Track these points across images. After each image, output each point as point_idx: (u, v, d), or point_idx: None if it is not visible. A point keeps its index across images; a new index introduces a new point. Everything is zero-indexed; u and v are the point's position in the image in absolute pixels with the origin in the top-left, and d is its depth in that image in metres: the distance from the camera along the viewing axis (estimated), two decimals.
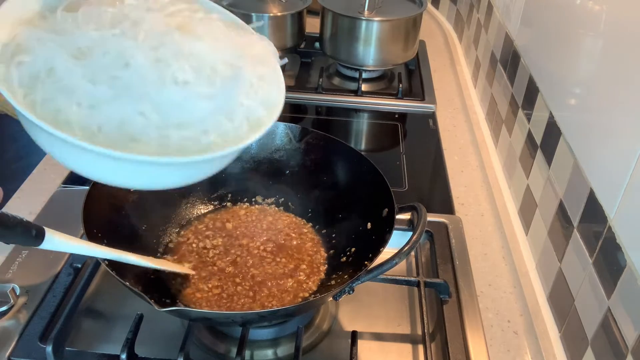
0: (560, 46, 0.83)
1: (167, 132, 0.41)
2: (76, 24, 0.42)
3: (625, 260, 0.58)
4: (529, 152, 0.90)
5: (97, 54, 0.41)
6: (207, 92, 0.43)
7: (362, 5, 1.22)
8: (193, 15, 0.46)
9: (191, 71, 0.42)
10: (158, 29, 0.43)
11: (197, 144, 0.42)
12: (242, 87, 0.44)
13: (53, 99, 0.40)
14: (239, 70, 0.45)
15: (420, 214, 0.69)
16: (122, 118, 0.40)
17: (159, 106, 0.41)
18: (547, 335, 0.74)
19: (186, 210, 0.82)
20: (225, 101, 0.43)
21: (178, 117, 0.41)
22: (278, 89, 0.49)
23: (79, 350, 0.67)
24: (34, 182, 0.94)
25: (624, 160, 0.60)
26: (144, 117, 0.40)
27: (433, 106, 1.23)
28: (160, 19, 0.44)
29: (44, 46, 0.41)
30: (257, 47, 0.48)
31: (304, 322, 0.72)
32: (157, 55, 0.42)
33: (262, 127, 0.45)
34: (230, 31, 0.48)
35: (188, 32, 0.45)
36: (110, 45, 0.41)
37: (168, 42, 0.42)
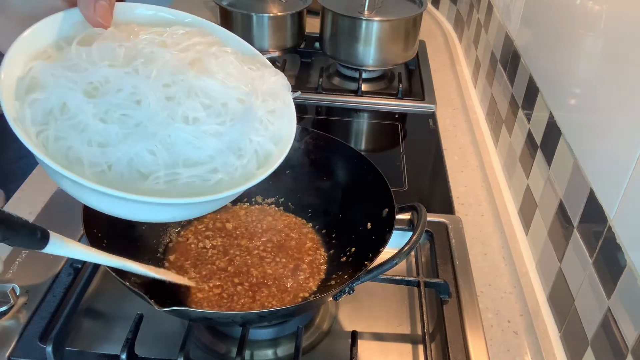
0: (560, 46, 0.83)
1: (176, 170, 0.42)
2: (90, 59, 0.43)
3: (625, 260, 0.58)
4: (529, 152, 0.90)
5: (110, 92, 0.42)
6: (216, 129, 0.43)
7: (362, 5, 1.22)
8: (207, 50, 0.47)
9: (202, 109, 0.43)
10: (171, 66, 0.44)
11: (205, 183, 0.42)
12: (252, 124, 0.45)
13: (65, 137, 0.41)
14: (249, 107, 0.45)
15: (420, 214, 0.69)
16: (132, 157, 0.41)
17: (168, 144, 0.42)
18: (547, 335, 0.74)
19: None
20: (235, 139, 0.44)
21: (187, 155, 0.42)
22: (289, 123, 0.49)
23: (79, 350, 0.67)
24: (34, 182, 0.94)
25: (624, 160, 0.60)
26: (154, 155, 0.41)
27: (433, 106, 1.23)
28: (174, 54, 0.44)
29: (58, 82, 0.42)
30: (269, 81, 0.49)
31: (304, 322, 0.72)
32: (168, 93, 0.42)
33: (271, 165, 0.46)
34: (243, 65, 0.49)
35: (201, 67, 0.45)
36: (123, 83, 0.42)
37: (180, 80, 0.43)
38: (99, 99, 0.42)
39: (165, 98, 0.43)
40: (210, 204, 0.45)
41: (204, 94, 0.44)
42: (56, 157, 0.41)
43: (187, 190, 0.42)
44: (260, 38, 1.26)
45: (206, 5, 1.61)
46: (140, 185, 0.41)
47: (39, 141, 0.41)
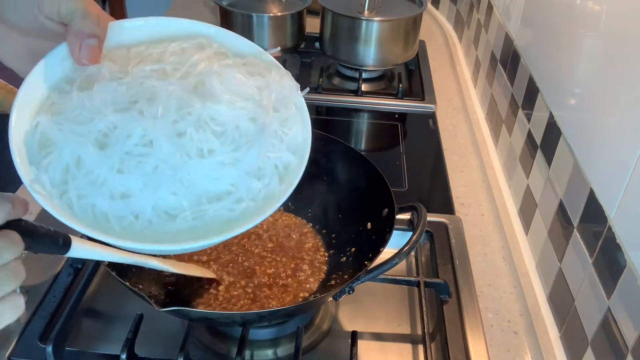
0: (560, 46, 0.83)
1: (201, 207, 0.42)
2: (94, 106, 0.43)
3: (625, 260, 0.58)
4: (529, 152, 0.90)
5: (120, 139, 0.42)
6: (233, 157, 0.43)
7: (362, 5, 1.22)
8: (208, 69, 0.46)
9: (214, 138, 0.43)
10: (175, 99, 0.43)
11: (232, 213, 0.43)
12: (268, 140, 0.45)
13: (86, 195, 0.41)
14: (262, 125, 0.45)
15: (420, 214, 0.69)
16: (156, 202, 0.42)
17: (189, 182, 0.42)
18: (547, 335, 0.74)
19: None
20: (253, 161, 0.44)
21: (209, 189, 0.42)
22: (303, 127, 0.48)
23: (79, 350, 0.67)
24: None
25: (624, 160, 0.60)
26: (176, 198, 0.42)
27: (433, 106, 1.23)
28: (175, 85, 0.44)
29: (67, 137, 0.41)
30: (278, 86, 0.48)
31: (304, 322, 0.72)
32: (179, 130, 0.42)
33: (293, 177, 0.46)
34: (248, 77, 0.48)
35: (205, 92, 0.45)
36: (131, 128, 0.42)
37: (187, 114, 0.43)
38: (111, 148, 0.42)
39: (177, 135, 0.42)
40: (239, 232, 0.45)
41: (214, 122, 0.43)
42: (84, 218, 0.41)
43: (215, 224, 0.43)
44: (260, 38, 1.26)
45: (206, 5, 1.61)
46: (170, 228, 0.42)
47: (64, 203, 0.41)
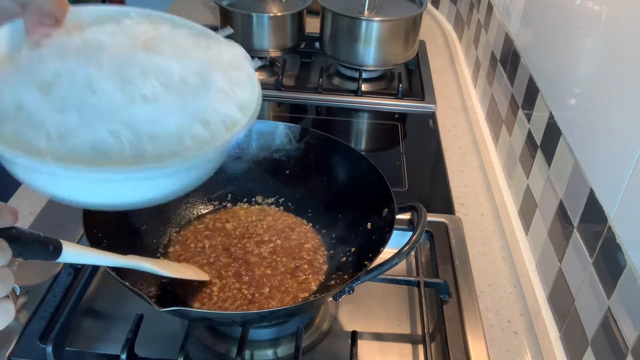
0: (560, 46, 0.83)
1: (141, 146, 0.40)
2: (41, 59, 0.42)
3: (625, 260, 0.58)
4: (529, 152, 0.90)
5: (64, 84, 0.41)
6: (179, 105, 0.42)
7: (362, 5, 1.22)
8: (158, 34, 0.46)
9: (160, 86, 0.42)
10: (122, 52, 0.43)
11: (172, 154, 0.40)
12: (214, 94, 0.44)
13: (22, 133, 0.39)
14: (208, 78, 0.44)
15: (420, 214, 0.69)
16: (94, 142, 0.39)
17: (130, 125, 0.40)
18: (547, 335, 0.74)
19: (186, 210, 0.82)
20: (198, 110, 0.42)
21: (151, 131, 0.40)
22: (252, 90, 0.47)
23: (79, 350, 0.67)
24: None
25: (624, 160, 0.60)
26: (117, 138, 0.39)
27: (433, 106, 1.23)
28: (124, 41, 0.44)
29: (11, 86, 0.40)
30: (227, 54, 0.48)
31: (304, 322, 0.72)
32: (123, 77, 0.41)
33: (239, 126, 0.44)
34: (198, 42, 0.47)
35: (154, 50, 0.44)
36: (76, 74, 0.41)
37: (133, 63, 0.42)
38: (53, 91, 0.40)
39: (121, 82, 0.41)
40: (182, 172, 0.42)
41: (160, 73, 0.42)
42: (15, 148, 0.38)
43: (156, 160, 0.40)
44: (260, 38, 1.26)
45: (206, 5, 1.61)
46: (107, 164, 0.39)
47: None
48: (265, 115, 1.23)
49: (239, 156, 0.85)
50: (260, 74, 1.32)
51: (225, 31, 0.51)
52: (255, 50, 1.28)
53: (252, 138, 0.84)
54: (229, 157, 0.84)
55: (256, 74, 0.48)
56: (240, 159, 0.85)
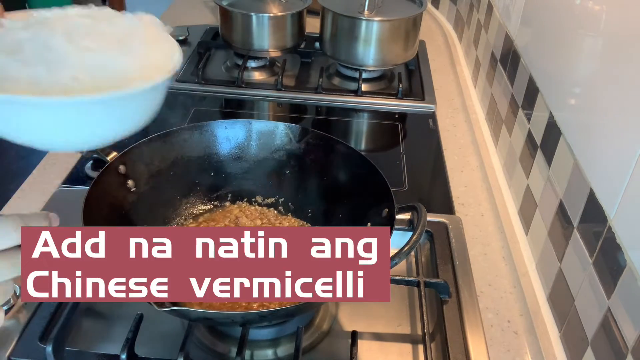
0: (560, 46, 0.83)
1: (97, 84, 0.48)
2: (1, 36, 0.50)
3: (625, 260, 0.58)
4: (529, 152, 0.90)
5: (25, 48, 0.48)
6: (119, 52, 0.50)
7: (362, 5, 1.22)
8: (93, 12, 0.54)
9: (103, 41, 0.50)
10: (66, 21, 0.51)
11: (125, 86, 0.48)
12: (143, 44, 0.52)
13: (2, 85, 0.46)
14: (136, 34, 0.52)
15: (420, 214, 0.69)
16: (62, 87, 0.47)
17: (85, 70, 0.48)
18: (547, 335, 0.74)
19: (186, 210, 0.82)
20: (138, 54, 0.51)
21: (104, 74, 0.49)
22: (171, 43, 0.55)
23: (79, 350, 0.67)
24: (34, 182, 0.94)
25: (624, 160, 0.60)
26: (77, 81, 0.47)
27: (433, 106, 1.23)
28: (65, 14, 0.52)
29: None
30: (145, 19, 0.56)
31: (304, 322, 0.72)
32: (71, 37, 0.50)
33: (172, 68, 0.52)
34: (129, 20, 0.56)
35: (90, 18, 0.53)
36: (34, 39, 0.49)
37: (77, 27, 0.51)
38: (19, 55, 0.48)
39: (70, 40, 0.49)
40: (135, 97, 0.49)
41: (101, 33, 0.51)
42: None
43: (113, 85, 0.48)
44: (260, 38, 1.26)
45: (206, 5, 1.61)
46: None
47: None
48: (265, 115, 1.23)
49: (239, 156, 0.85)
50: (260, 74, 1.32)
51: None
52: (255, 50, 1.28)
53: (252, 138, 0.84)
54: (229, 157, 0.84)
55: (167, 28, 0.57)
56: (240, 159, 0.85)
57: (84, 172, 0.95)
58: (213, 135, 0.83)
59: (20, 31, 0.50)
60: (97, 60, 0.49)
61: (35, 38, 0.49)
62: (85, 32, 0.51)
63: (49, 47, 0.49)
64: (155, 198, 0.78)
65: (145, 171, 0.78)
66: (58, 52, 0.49)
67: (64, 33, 0.50)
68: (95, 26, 0.52)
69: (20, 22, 0.51)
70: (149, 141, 0.78)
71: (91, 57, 0.49)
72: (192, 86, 1.24)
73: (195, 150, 0.82)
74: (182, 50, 0.56)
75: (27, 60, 0.48)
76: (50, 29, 0.50)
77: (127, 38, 0.52)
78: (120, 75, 0.49)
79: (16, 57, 0.48)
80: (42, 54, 0.48)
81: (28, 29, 0.50)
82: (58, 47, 0.49)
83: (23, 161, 1.05)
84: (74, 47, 0.49)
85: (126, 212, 0.74)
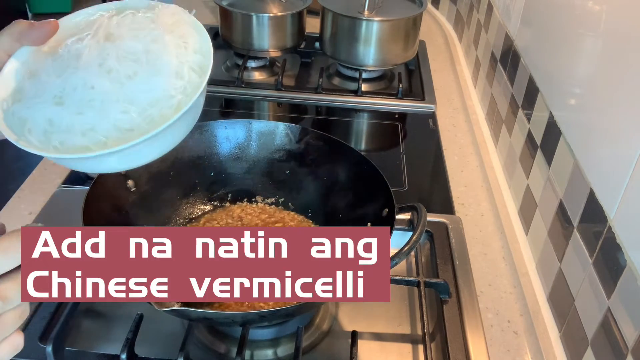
0: (560, 46, 0.83)
1: (147, 113, 0.49)
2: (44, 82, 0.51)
3: (625, 260, 0.58)
4: (529, 152, 0.90)
5: (70, 93, 0.50)
6: (153, 70, 0.51)
7: (362, 5, 1.22)
8: (110, 23, 0.54)
9: (134, 63, 0.51)
10: (94, 49, 0.52)
11: (171, 108, 0.50)
12: (173, 50, 0.52)
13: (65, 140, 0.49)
14: (163, 42, 0.53)
15: (420, 214, 0.69)
16: (115, 124, 0.49)
17: (131, 101, 0.49)
18: (547, 335, 0.74)
19: (186, 210, 0.82)
20: (169, 68, 0.51)
21: (147, 99, 0.50)
22: (201, 36, 0.56)
23: (79, 350, 0.67)
24: (34, 182, 0.94)
25: (624, 160, 0.60)
26: (128, 114, 0.49)
27: (433, 106, 1.23)
28: (90, 40, 0.53)
29: (34, 109, 0.50)
30: (166, 15, 0.56)
31: (304, 322, 0.72)
32: (106, 69, 0.51)
33: (207, 69, 0.53)
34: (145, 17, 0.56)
35: (114, 38, 0.53)
36: (74, 82, 0.50)
37: (107, 55, 0.51)
38: (67, 102, 0.50)
39: (107, 73, 0.50)
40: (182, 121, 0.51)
41: (129, 54, 0.51)
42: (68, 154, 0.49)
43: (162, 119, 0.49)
44: (260, 38, 1.26)
45: (206, 5, 1.61)
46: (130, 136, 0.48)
47: (51, 149, 0.49)
48: (265, 115, 1.23)
49: (239, 156, 0.85)
50: (260, 74, 1.32)
51: None
52: (255, 50, 1.28)
53: (252, 138, 0.84)
54: (229, 157, 0.84)
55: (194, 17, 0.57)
56: (240, 159, 0.85)
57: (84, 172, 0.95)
58: (213, 135, 0.83)
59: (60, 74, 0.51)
60: (137, 87, 0.50)
61: (75, 79, 0.51)
62: (115, 56, 0.51)
63: (91, 86, 0.50)
64: (155, 198, 0.78)
65: (145, 171, 0.78)
66: (100, 89, 0.50)
67: (98, 66, 0.51)
68: (122, 46, 0.52)
69: (57, 58, 0.52)
70: None
71: (131, 86, 0.50)
72: None
73: (195, 150, 0.82)
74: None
75: (76, 106, 0.50)
76: (85, 65, 0.51)
77: (155, 51, 0.52)
78: (163, 94, 0.50)
79: (65, 104, 0.50)
80: (86, 96, 0.50)
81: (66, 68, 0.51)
82: (99, 85, 0.50)
83: (23, 161, 1.05)
84: (112, 80, 0.50)
85: (126, 212, 0.74)
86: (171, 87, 0.51)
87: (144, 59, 0.52)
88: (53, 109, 0.50)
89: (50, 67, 0.52)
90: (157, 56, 0.52)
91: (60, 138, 0.49)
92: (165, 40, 0.53)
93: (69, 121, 0.49)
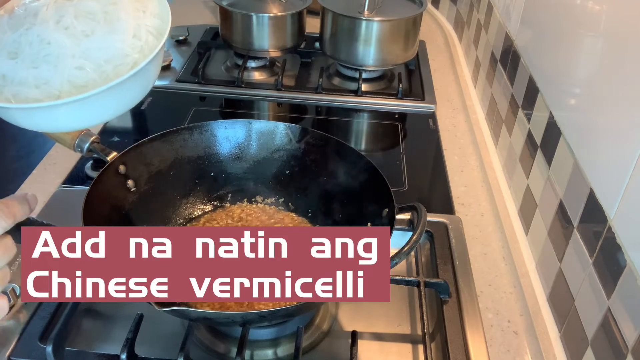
0: (560, 46, 0.83)
1: (102, 69, 0.50)
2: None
3: (625, 260, 0.58)
4: (529, 152, 0.90)
5: (25, 47, 0.50)
6: (110, 29, 0.51)
7: (362, 5, 1.22)
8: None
9: (91, 22, 0.52)
10: (52, 7, 0.52)
11: (126, 66, 0.50)
12: (132, 13, 0.53)
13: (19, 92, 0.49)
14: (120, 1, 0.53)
15: (420, 214, 0.69)
16: (70, 79, 0.49)
17: (87, 57, 0.50)
18: (547, 335, 0.74)
19: (186, 210, 0.82)
20: (128, 29, 0.52)
21: (104, 56, 0.50)
22: (160, 2, 0.56)
23: (79, 350, 0.67)
24: (34, 182, 0.94)
25: (624, 160, 0.60)
26: (83, 70, 0.49)
27: (433, 106, 1.23)
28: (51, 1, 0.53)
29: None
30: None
31: (304, 322, 0.72)
32: (63, 26, 0.51)
33: (164, 32, 0.54)
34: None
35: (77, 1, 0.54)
36: (30, 37, 0.50)
37: (64, 12, 0.52)
38: (21, 56, 0.50)
39: (64, 29, 0.51)
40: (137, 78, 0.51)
41: (87, 13, 0.52)
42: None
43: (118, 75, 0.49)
44: (260, 38, 1.26)
45: (206, 5, 1.61)
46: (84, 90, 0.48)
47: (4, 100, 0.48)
48: (265, 115, 1.23)
49: (239, 156, 0.85)
50: (260, 74, 1.32)
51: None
52: (255, 50, 1.28)
53: (252, 138, 0.84)
54: (229, 157, 0.84)
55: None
56: (240, 159, 0.85)
57: (84, 172, 0.95)
58: (213, 135, 0.83)
59: (16, 29, 0.51)
60: (94, 44, 0.51)
61: (31, 34, 0.50)
62: (73, 14, 0.52)
63: (47, 41, 0.50)
64: (155, 198, 0.78)
65: (145, 171, 0.78)
66: (56, 44, 0.50)
67: (56, 23, 0.51)
68: (81, 6, 0.52)
69: (13, 15, 0.52)
70: (149, 141, 0.78)
71: (87, 42, 0.51)
72: (192, 86, 1.24)
73: (195, 150, 0.83)
74: (181, 50, 0.57)
75: (30, 61, 0.49)
76: (41, 21, 0.51)
77: (113, 12, 0.53)
78: (119, 53, 0.51)
79: (19, 58, 0.49)
80: (42, 50, 0.50)
81: (23, 23, 0.51)
82: (55, 40, 0.50)
83: (23, 161, 1.05)
84: (69, 35, 0.51)
85: (126, 212, 0.74)
86: (128, 46, 0.51)
87: (101, 19, 0.52)
88: (7, 62, 0.50)
89: (6, 24, 0.52)
90: (115, 17, 0.53)
91: (13, 90, 0.49)
92: (124, 2, 0.54)
93: (23, 75, 0.49)
